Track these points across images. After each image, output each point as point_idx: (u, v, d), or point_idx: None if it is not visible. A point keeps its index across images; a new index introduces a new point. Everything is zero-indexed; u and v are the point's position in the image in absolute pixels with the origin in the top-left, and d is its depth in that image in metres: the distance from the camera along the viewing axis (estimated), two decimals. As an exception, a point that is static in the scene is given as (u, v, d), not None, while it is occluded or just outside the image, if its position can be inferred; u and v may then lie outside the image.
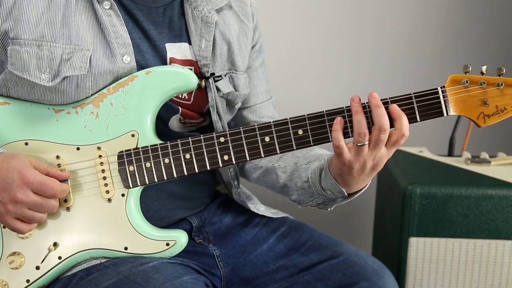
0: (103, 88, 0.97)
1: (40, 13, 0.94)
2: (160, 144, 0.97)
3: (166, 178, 0.97)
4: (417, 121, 0.95)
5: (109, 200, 0.97)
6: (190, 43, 1.07)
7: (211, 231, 1.15)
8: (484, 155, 1.61)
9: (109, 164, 0.97)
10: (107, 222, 0.97)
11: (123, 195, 0.97)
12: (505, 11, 1.97)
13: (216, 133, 0.97)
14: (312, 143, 0.96)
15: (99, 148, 0.97)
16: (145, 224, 0.98)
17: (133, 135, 0.97)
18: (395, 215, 1.48)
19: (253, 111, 1.21)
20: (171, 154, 0.97)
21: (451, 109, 0.95)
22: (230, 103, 1.13)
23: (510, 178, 1.44)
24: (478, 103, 0.94)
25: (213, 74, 1.07)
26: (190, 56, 1.06)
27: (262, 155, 0.97)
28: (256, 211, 1.19)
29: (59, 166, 0.97)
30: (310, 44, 1.95)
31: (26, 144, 0.97)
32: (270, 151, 0.97)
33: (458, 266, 1.43)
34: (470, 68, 0.95)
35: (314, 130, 0.96)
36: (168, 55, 1.04)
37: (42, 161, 0.95)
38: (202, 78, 1.06)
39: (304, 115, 0.96)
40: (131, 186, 0.97)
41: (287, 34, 1.94)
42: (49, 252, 0.96)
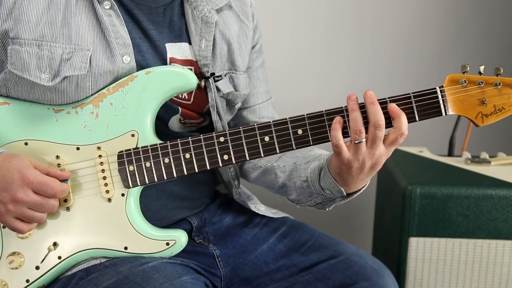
0: (103, 88, 0.97)
1: (41, 13, 0.94)
2: (160, 144, 0.97)
3: (166, 177, 0.97)
4: (416, 120, 0.95)
5: (109, 200, 0.97)
6: (190, 43, 1.07)
7: (211, 231, 1.15)
8: (484, 155, 1.61)
9: (109, 164, 0.97)
10: (107, 222, 0.97)
11: (123, 195, 0.97)
12: (505, 11, 1.97)
13: (215, 132, 0.97)
14: (311, 143, 0.96)
15: (99, 148, 0.97)
16: (145, 224, 0.99)
17: (133, 135, 0.97)
18: (395, 215, 1.48)
19: (252, 112, 1.21)
20: (171, 154, 0.97)
21: (450, 108, 0.95)
22: (230, 103, 1.13)
23: (510, 178, 1.44)
24: (476, 103, 0.95)
25: (213, 74, 1.07)
26: (190, 56, 1.06)
27: (262, 155, 0.97)
28: (256, 211, 1.19)
29: (59, 166, 0.97)
30: (310, 44, 1.95)
31: (26, 144, 0.97)
32: (269, 150, 0.97)
33: (458, 266, 1.43)
34: (468, 68, 0.95)
35: (313, 130, 0.96)
36: (168, 55, 1.04)
37: (42, 161, 0.95)
38: (202, 78, 1.06)
39: (303, 115, 0.96)
40: (131, 186, 0.97)
41: (286, 34, 1.94)
42: (48, 252, 0.96)
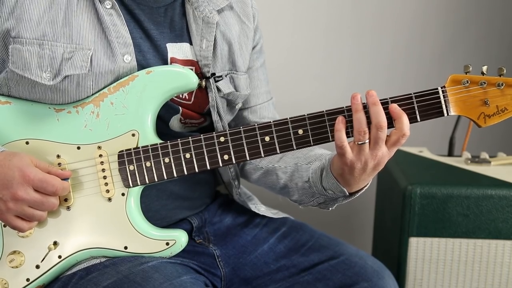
0: (103, 88, 0.97)
1: (42, 12, 0.94)
2: (160, 143, 0.97)
3: (166, 177, 0.97)
4: (417, 121, 0.94)
5: (109, 199, 0.97)
6: (191, 43, 1.07)
7: (211, 231, 1.15)
8: (484, 155, 1.61)
9: (109, 164, 0.97)
10: (107, 221, 0.97)
11: (123, 194, 0.97)
12: (505, 11, 1.97)
13: (216, 132, 0.97)
14: (312, 143, 0.96)
15: (99, 147, 0.97)
16: (145, 224, 0.98)
17: (133, 135, 0.97)
18: (395, 215, 1.48)
19: (253, 112, 1.21)
20: (171, 154, 0.97)
21: (452, 109, 0.94)
22: (230, 104, 1.13)
23: (510, 178, 1.44)
24: (478, 103, 0.94)
25: (213, 74, 1.07)
26: (191, 56, 1.06)
27: (262, 155, 0.97)
28: (256, 211, 1.19)
29: (59, 165, 0.97)
30: (310, 44, 1.95)
31: (27, 143, 0.97)
32: (270, 150, 0.97)
33: (458, 266, 1.43)
34: (471, 68, 0.95)
35: (314, 130, 0.96)
36: (169, 55, 1.04)
37: (43, 160, 0.95)
38: (203, 78, 1.06)
39: (304, 115, 0.96)
40: (131, 185, 0.97)
41: (287, 34, 1.94)
42: (49, 251, 0.96)
